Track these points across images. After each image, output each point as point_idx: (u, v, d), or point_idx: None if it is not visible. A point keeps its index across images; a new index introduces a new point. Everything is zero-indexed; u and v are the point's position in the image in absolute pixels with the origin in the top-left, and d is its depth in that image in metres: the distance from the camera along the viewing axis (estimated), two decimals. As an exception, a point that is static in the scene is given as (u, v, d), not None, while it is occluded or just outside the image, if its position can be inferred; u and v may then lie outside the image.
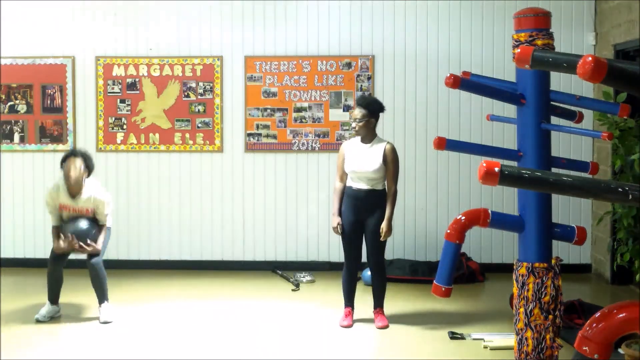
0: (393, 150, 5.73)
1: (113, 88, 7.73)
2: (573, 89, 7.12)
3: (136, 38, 7.72)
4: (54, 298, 5.99)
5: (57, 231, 5.93)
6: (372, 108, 5.72)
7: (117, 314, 5.99)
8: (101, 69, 7.72)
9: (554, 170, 4.08)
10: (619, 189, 2.49)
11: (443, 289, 3.89)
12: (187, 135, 7.69)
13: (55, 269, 5.96)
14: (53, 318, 5.94)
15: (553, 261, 4.04)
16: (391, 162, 5.70)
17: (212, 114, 7.67)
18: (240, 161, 7.71)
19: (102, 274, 5.93)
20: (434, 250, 7.50)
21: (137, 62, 7.70)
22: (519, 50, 2.99)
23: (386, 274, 5.94)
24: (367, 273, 6.73)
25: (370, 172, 5.67)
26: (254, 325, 5.85)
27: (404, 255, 7.63)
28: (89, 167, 5.95)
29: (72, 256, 6.12)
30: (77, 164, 5.84)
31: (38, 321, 5.85)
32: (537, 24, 3.98)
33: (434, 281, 3.94)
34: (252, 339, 5.51)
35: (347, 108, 7.55)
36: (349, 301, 5.89)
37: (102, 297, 5.95)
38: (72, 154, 5.95)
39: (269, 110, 7.65)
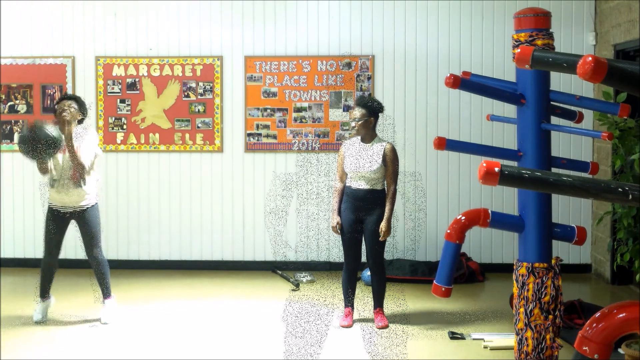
0: (393, 150, 5.74)
1: (113, 88, 7.73)
2: (573, 89, 7.12)
3: (136, 38, 7.73)
4: (44, 292, 5.96)
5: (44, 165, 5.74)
6: (371, 107, 5.74)
7: (117, 315, 5.97)
8: (101, 69, 7.72)
9: (554, 170, 4.08)
10: (619, 189, 2.49)
11: (443, 289, 3.88)
12: (187, 135, 7.69)
13: (50, 260, 5.89)
14: (49, 310, 5.94)
15: (553, 261, 4.03)
16: (391, 162, 5.71)
17: (212, 114, 7.67)
18: (240, 161, 7.71)
19: (103, 265, 5.89)
20: (434, 250, 7.50)
21: (137, 62, 7.70)
22: (519, 50, 2.98)
23: (386, 274, 5.94)
24: (367, 273, 6.73)
25: (370, 172, 5.68)
26: (254, 325, 5.85)
27: (404, 255, 7.63)
28: (82, 111, 5.83)
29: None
30: (70, 106, 5.71)
31: (37, 322, 5.84)
32: (537, 24, 3.97)
33: (434, 281, 3.94)
34: (252, 339, 5.51)
35: (347, 108, 7.55)
36: (349, 301, 5.89)
37: (105, 292, 5.93)
38: (65, 97, 5.87)
39: (269, 110, 7.65)
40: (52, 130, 5.55)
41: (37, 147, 5.49)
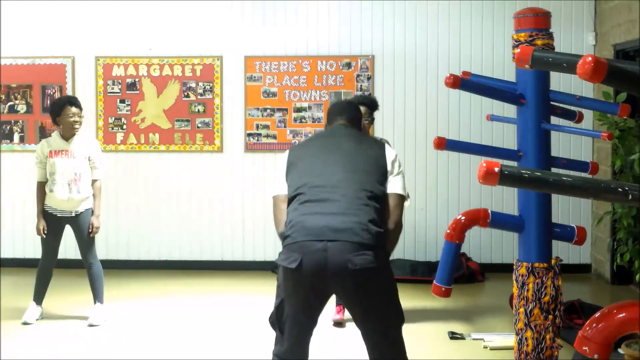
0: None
1: (113, 88, 7.72)
2: (573, 89, 7.11)
3: (136, 38, 7.72)
4: (39, 296, 5.92)
5: (42, 189, 5.78)
6: (375, 106, 5.78)
7: (106, 319, 5.87)
8: (101, 69, 7.72)
9: (554, 170, 4.08)
10: (619, 189, 2.48)
11: (443, 289, 3.88)
12: (187, 135, 7.69)
13: (47, 265, 5.87)
14: (37, 318, 5.88)
15: (553, 261, 4.04)
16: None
17: (212, 114, 7.67)
18: (240, 161, 7.71)
19: (97, 272, 5.88)
20: (434, 250, 7.49)
21: (136, 62, 7.70)
22: (518, 50, 2.98)
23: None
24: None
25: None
26: (254, 325, 5.85)
27: (404, 255, 7.62)
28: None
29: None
30: (81, 117, 5.76)
31: (25, 323, 5.79)
32: (537, 24, 3.97)
33: (434, 281, 3.94)
34: (252, 339, 5.50)
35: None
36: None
37: (96, 296, 5.91)
38: (70, 103, 5.75)
39: (268, 110, 7.65)
40: None
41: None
